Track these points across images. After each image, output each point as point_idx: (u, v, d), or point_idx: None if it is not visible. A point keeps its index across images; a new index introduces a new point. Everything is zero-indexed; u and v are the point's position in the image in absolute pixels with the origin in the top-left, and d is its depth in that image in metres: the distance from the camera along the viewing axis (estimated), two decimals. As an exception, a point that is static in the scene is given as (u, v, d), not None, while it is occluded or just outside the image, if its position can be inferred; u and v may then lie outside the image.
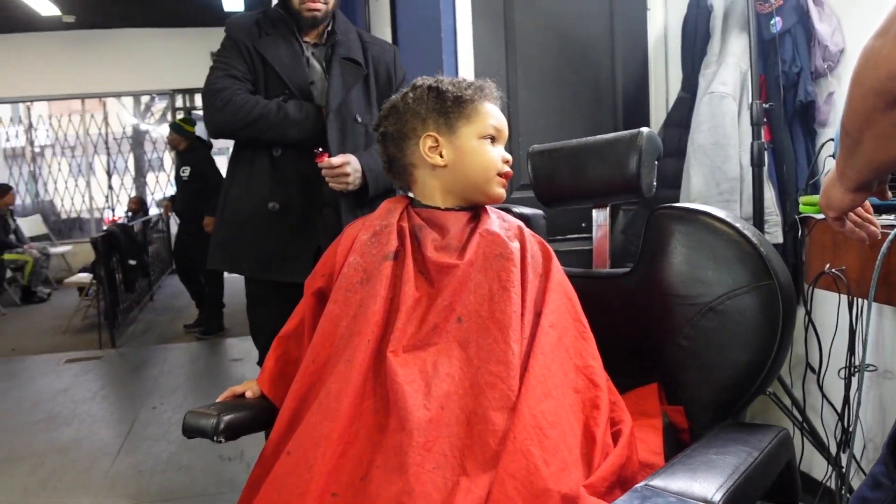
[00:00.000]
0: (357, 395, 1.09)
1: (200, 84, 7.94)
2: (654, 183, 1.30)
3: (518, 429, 1.00)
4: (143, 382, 4.38)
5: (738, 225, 1.13)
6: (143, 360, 4.93)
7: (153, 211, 8.07)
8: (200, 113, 8.55)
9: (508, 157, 1.27)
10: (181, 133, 5.57)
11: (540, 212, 1.45)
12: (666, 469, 0.82)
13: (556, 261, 1.22)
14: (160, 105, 8.49)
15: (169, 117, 7.96)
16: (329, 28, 2.07)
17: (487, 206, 1.28)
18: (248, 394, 1.32)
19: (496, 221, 1.24)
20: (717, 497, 0.74)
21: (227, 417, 1.18)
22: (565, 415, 1.05)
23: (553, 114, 2.79)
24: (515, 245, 1.18)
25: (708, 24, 2.43)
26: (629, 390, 1.21)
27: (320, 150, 1.91)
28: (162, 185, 8.86)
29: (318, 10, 1.99)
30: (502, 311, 1.10)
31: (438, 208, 1.25)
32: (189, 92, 7.98)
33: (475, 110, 1.25)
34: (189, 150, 5.54)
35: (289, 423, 1.16)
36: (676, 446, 1.12)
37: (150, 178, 8.43)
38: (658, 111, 2.90)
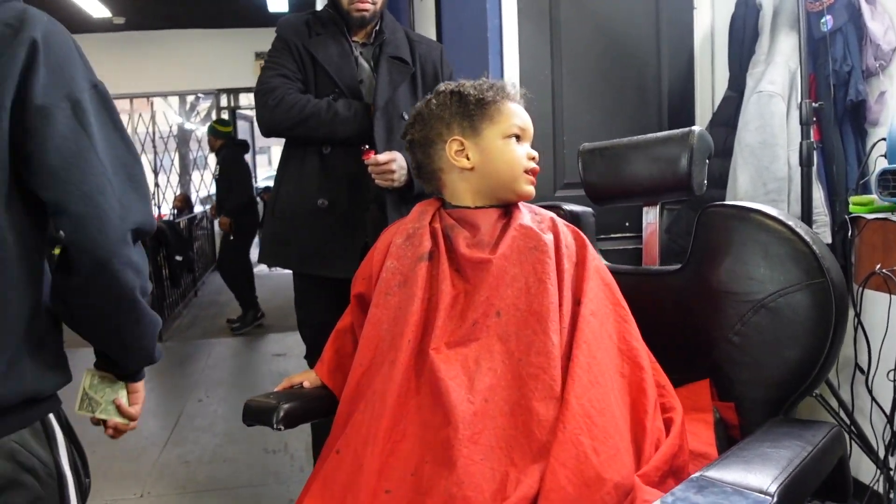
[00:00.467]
0: (402, 394, 1.12)
1: (245, 84, 8.09)
2: (705, 182, 1.30)
3: (567, 418, 1.01)
4: (188, 376, 4.48)
5: (791, 223, 1.14)
6: (189, 353, 5.04)
7: (198, 208, 8.23)
8: (245, 112, 8.72)
9: (534, 153, 1.29)
10: (214, 134, 5.74)
11: (589, 209, 1.47)
12: (720, 460, 0.83)
13: (591, 248, 1.23)
14: (205, 104, 8.64)
15: (214, 116, 8.10)
16: (377, 27, 2.11)
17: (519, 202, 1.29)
18: (306, 384, 1.36)
19: (528, 215, 1.26)
20: (773, 488, 0.76)
21: (286, 406, 1.22)
22: (614, 402, 1.06)
23: (598, 112, 2.79)
24: (549, 237, 1.20)
25: (756, 22, 2.41)
26: (679, 386, 1.22)
27: (367, 147, 1.94)
28: (206, 183, 9.02)
29: (366, 10, 2.03)
30: (540, 303, 1.12)
31: (469, 208, 1.27)
32: (233, 91, 8.12)
33: (498, 111, 1.27)
34: (221, 149, 5.69)
35: (342, 426, 1.19)
36: (727, 442, 1.13)
37: (195, 176, 8.59)
38: (704, 110, 2.89)
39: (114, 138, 0.97)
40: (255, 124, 9.05)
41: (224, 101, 8.12)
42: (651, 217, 1.36)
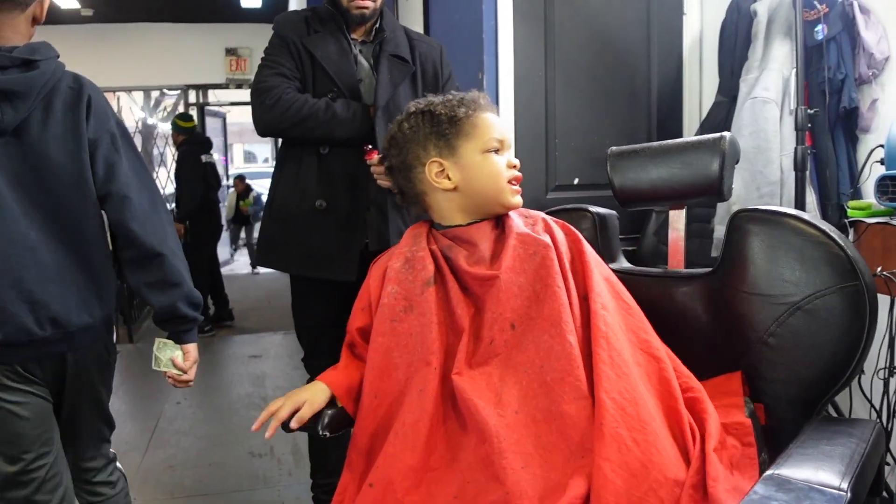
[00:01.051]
0: (435, 423, 1.12)
1: (214, 80, 7.96)
2: (733, 186, 1.33)
3: (602, 415, 1.03)
4: (164, 378, 4.37)
5: (825, 227, 1.17)
6: (163, 354, 4.95)
7: (166, 206, 8.05)
8: (215, 109, 8.58)
9: (515, 161, 1.29)
10: (176, 129, 5.54)
11: (614, 213, 1.49)
12: (787, 459, 0.86)
13: (584, 242, 1.25)
14: (170, 100, 8.49)
15: (181, 111, 7.96)
16: (377, 25, 2.09)
17: None
18: (307, 410, 1.26)
19: (520, 221, 1.27)
20: (845, 485, 0.78)
21: (330, 412, 1.21)
22: (643, 390, 1.08)
23: (589, 115, 2.83)
24: (546, 238, 1.21)
25: (749, 29, 2.46)
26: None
27: (370, 147, 1.92)
28: (171, 181, 8.87)
29: (366, 7, 2.01)
30: (551, 308, 1.13)
31: (461, 226, 1.27)
32: (202, 87, 7.98)
33: (473, 126, 1.27)
34: (181, 146, 5.50)
35: (364, 454, 1.18)
36: (762, 438, 1.15)
37: (162, 173, 8.42)
38: (692, 115, 2.94)
39: (131, 155, 1.54)
40: (226, 122, 8.87)
41: (193, 97, 7.98)
42: (678, 220, 1.38)
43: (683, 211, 1.38)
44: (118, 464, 1.74)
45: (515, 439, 1.06)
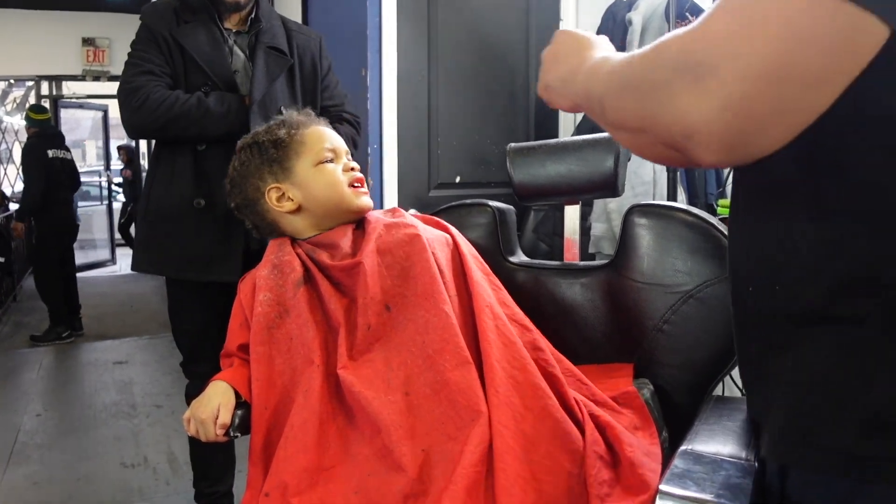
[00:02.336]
0: (325, 420, 1.10)
1: (70, 71, 7.54)
2: (625, 182, 1.40)
3: (496, 382, 1.06)
4: (19, 388, 4.08)
5: (713, 221, 1.25)
6: (17, 364, 4.61)
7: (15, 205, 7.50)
8: (70, 101, 8.03)
9: (353, 164, 1.32)
10: (28, 121, 5.17)
11: (512, 207, 1.53)
12: (695, 436, 0.91)
13: (452, 227, 1.30)
14: (18, 92, 7.90)
15: (33, 103, 7.41)
16: (252, 15, 1.98)
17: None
18: (225, 414, 1.18)
19: (381, 215, 1.30)
20: (751, 456, 0.84)
21: (240, 412, 1.16)
22: (527, 358, 1.12)
23: (470, 115, 2.89)
24: (409, 220, 1.25)
25: (624, 37, 2.59)
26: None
27: None
28: (14, 178, 8.25)
29: None
30: (423, 283, 1.15)
31: (318, 234, 1.28)
32: (56, 79, 7.45)
33: (300, 143, 1.29)
34: (29, 139, 5.11)
35: (260, 466, 1.13)
36: (661, 419, 1.22)
37: (11, 170, 7.81)
38: (567, 119, 3.07)
39: None
40: (108, 115, 8.31)
41: (45, 90, 7.44)
42: (573, 215, 1.43)
43: (578, 206, 1.44)
44: None
45: (410, 424, 1.06)
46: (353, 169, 1.30)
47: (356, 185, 1.29)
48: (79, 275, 5.65)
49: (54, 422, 3.57)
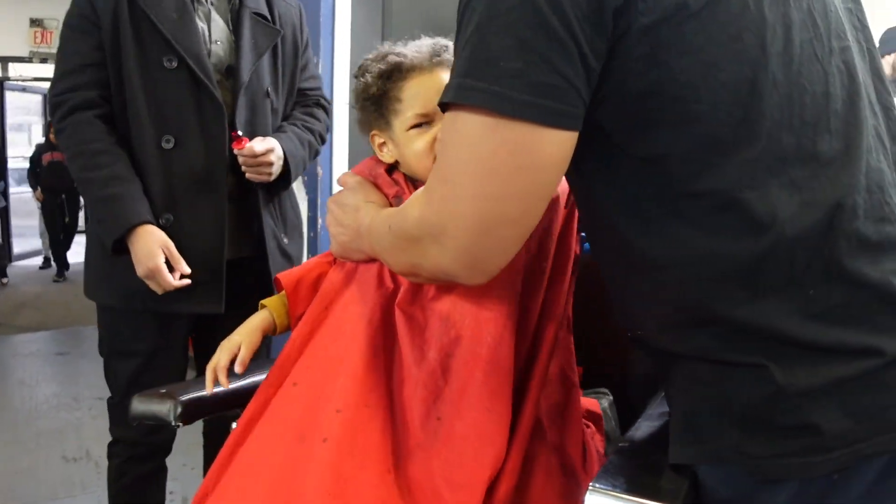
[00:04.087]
0: (371, 327, 1.02)
1: (17, 52, 7.21)
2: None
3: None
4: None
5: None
6: (-49, 356, 4.45)
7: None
8: (15, 83, 7.74)
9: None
10: None
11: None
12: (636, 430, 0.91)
13: None
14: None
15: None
16: None
17: None
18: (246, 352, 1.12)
19: None
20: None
21: (185, 398, 1.11)
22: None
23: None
24: None
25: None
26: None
27: (239, 133, 1.53)
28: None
29: None
30: None
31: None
32: (2, 61, 7.15)
33: (396, 100, 1.11)
34: None
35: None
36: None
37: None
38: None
39: None
40: (28, 96, 7.99)
41: (-9, 72, 7.17)
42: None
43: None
44: None
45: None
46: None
47: None
48: (17, 264, 5.48)
49: (-7, 415, 3.46)
